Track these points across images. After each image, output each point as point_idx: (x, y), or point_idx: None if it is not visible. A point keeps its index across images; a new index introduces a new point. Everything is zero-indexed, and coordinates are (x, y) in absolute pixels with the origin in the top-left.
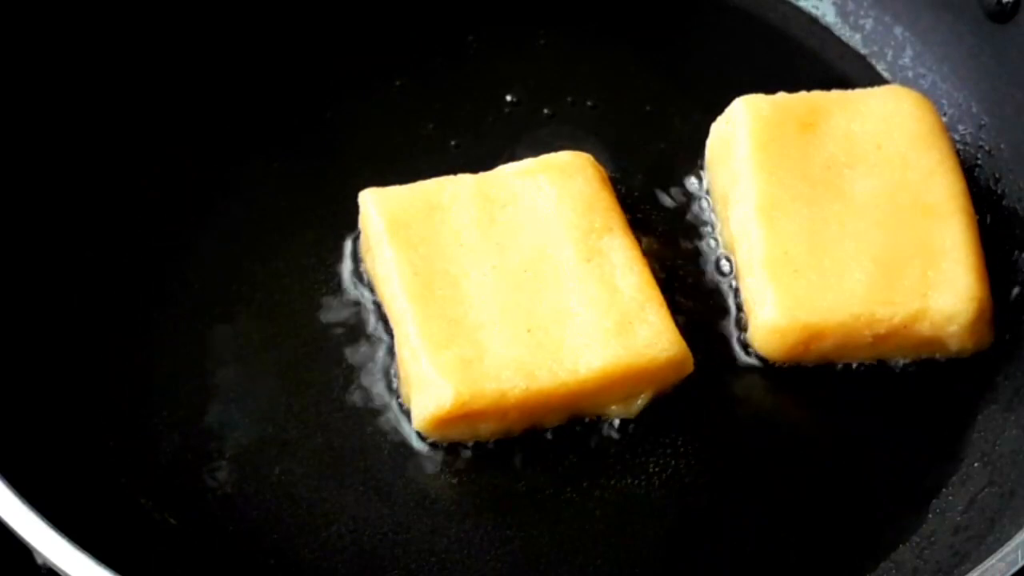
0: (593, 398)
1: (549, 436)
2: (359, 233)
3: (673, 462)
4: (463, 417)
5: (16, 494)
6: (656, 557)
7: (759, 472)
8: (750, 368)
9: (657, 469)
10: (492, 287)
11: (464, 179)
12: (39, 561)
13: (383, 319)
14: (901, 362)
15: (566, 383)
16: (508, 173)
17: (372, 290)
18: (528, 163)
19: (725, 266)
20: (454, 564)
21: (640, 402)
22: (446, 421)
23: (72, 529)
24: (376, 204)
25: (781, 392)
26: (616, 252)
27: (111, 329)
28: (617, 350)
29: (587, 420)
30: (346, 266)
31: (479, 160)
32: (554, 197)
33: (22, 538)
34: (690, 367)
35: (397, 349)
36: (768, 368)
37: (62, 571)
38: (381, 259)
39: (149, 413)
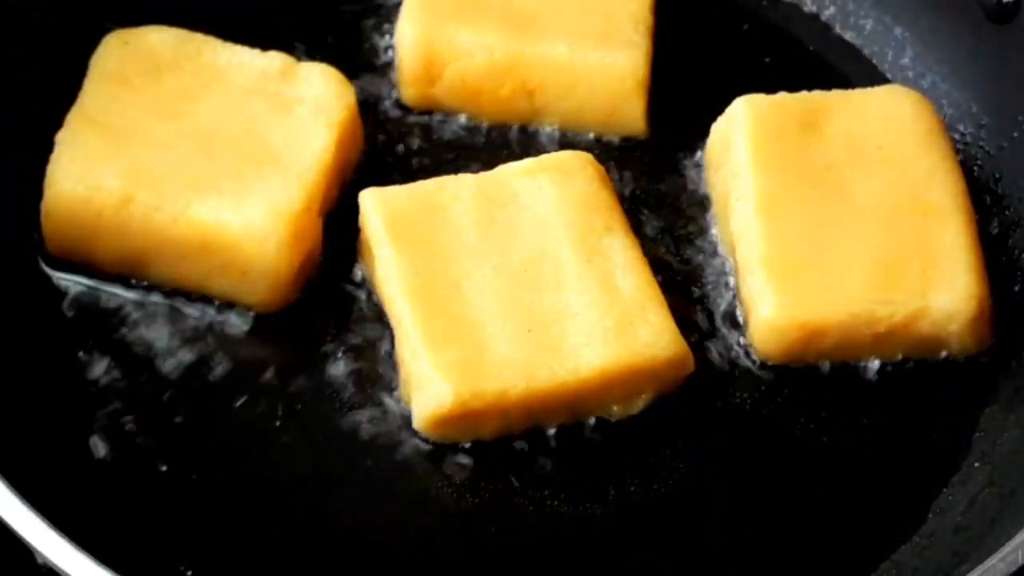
0: (594, 398)
1: (550, 436)
2: (358, 233)
3: (672, 462)
4: (463, 416)
5: (16, 494)
6: (655, 557)
7: (758, 472)
8: (750, 368)
9: (657, 469)
10: (492, 287)
11: (464, 179)
12: (39, 561)
13: (382, 320)
14: (901, 362)
15: (566, 383)
16: (508, 173)
17: (371, 290)
18: (528, 163)
19: (725, 265)
20: (454, 564)
21: (641, 402)
22: (446, 421)
23: (72, 529)
24: (375, 204)
25: (781, 392)
26: (616, 252)
27: (111, 329)
28: (617, 350)
29: (588, 420)
30: (345, 267)
31: (479, 159)
32: (554, 197)
33: (22, 538)
34: (691, 367)
35: (397, 349)
36: (768, 368)
37: (62, 571)
38: (380, 259)
39: (148, 414)
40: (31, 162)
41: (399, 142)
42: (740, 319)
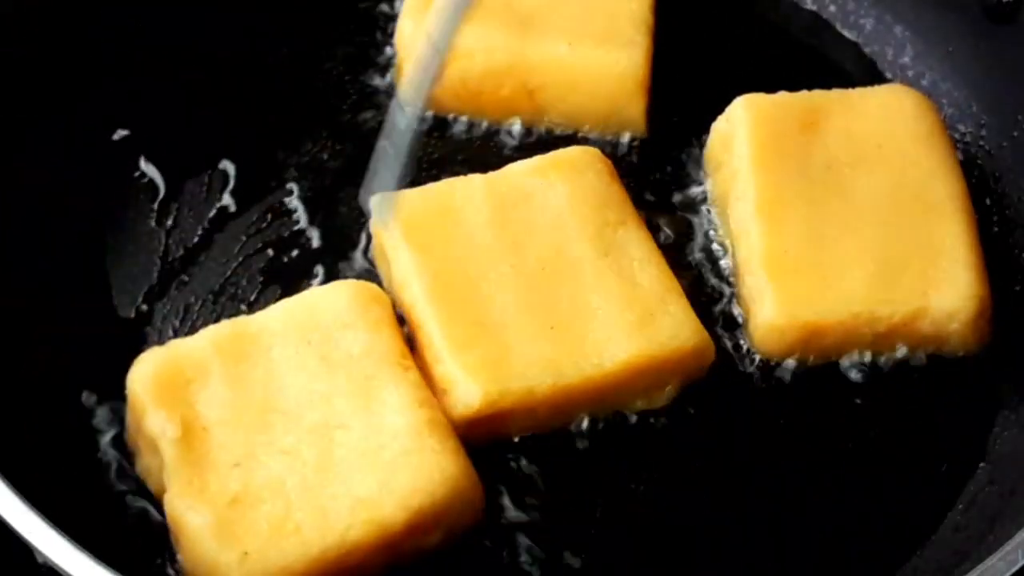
0: (619, 392)
1: (565, 433)
2: (369, 239)
3: (671, 463)
4: (492, 417)
5: (16, 494)
6: (657, 558)
7: (758, 472)
8: (749, 367)
9: (655, 470)
10: (511, 286)
11: (475, 179)
12: (39, 561)
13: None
14: (901, 362)
15: (592, 378)
16: (518, 171)
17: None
18: (538, 160)
19: (725, 265)
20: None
21: (665, 395)
22: (475, 421)
23: (72, 529)
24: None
25: (780, 391)
26: (632, 244)
27: (111, 329)
28: (641, 343)
29: (583, 422)
30: (358, 274)
31: (480, 159)
32: (566, 193)
33: (22, 538)
34: (712, 355)
35: (418, 353)
36: (767, 367)
37: (62, 571)
38: (397, 264)
39: None
40: None
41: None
42: (740, 319)
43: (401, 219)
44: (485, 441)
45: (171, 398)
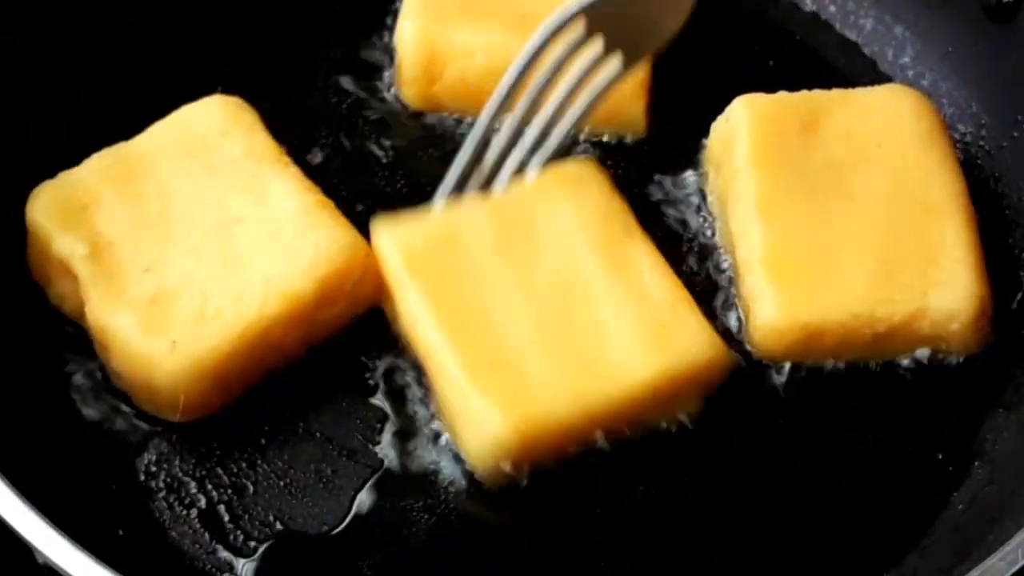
0: (642, 409)
1: (583, 453)
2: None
3: (670, 465)
4: (520, 446)
5: (16, 494)
6: (658, 556)
7: (758, 473)
8: (748, 368)
9: (654, 471)
10: (524, 311)
11: (477, 204)
12: (39, 561)
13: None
14: (901, 362)
15: (615, 399)
16: (520, 193)
17: (393, 325)
18: (537, 180)
19: (725, 265)
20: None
21: (689, 408)
22: (505, 453)
23: (72, 529)
24: (391, 238)
25: (780, 392)
26: (640, 257)
27: None
28: (660, 359)
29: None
30: None
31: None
32: (570, 211)
33: (22, 537)
34: (728, 363)
35: (434, 384)
36: (767, 367)
37: (62, 571)
38: (404, 299)
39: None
40: None
41: (399, 142)
42: (739, 319)
43: (404, 253)
44: (511, 474)
45: (73, 221)
